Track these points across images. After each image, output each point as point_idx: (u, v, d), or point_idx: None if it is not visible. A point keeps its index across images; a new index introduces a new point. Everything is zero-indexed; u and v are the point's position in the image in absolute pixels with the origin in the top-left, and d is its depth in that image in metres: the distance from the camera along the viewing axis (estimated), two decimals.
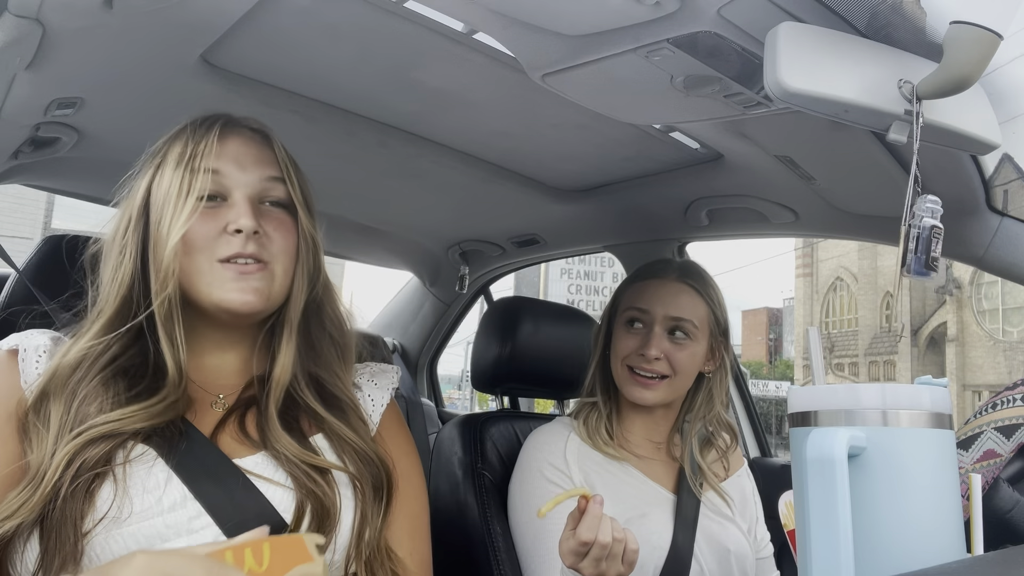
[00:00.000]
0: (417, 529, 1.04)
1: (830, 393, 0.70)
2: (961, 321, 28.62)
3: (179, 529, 0.84)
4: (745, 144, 1.37)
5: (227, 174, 0.94)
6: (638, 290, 1.44)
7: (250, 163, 0.96)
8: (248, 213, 0.92)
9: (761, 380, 34.09)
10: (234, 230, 0.92)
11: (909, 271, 0.82)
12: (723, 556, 1.34)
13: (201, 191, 0.91)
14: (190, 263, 0.91)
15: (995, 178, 1.24)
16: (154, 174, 0.95)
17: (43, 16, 0.98)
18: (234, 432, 0.94)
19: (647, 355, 1.36)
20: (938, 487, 0.67)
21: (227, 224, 0.92)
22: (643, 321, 1.40)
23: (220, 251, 0.91)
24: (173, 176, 0.92)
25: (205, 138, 0.94)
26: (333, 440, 0.97)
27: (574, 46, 1.04)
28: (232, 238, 0.92)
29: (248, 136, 0.98)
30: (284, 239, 0.96)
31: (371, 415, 1.05)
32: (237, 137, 0.97)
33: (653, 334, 1.37)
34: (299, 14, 1.10)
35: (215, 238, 0.92)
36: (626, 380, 1.39)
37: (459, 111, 1.42)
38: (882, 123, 0.88)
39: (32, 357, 0.92)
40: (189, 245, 0.91)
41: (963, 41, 0.79)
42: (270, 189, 0.97)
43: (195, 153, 0.93)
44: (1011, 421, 1.24)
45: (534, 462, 1.37)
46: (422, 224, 2.25)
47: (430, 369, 3.01)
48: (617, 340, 1.42)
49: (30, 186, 1.80)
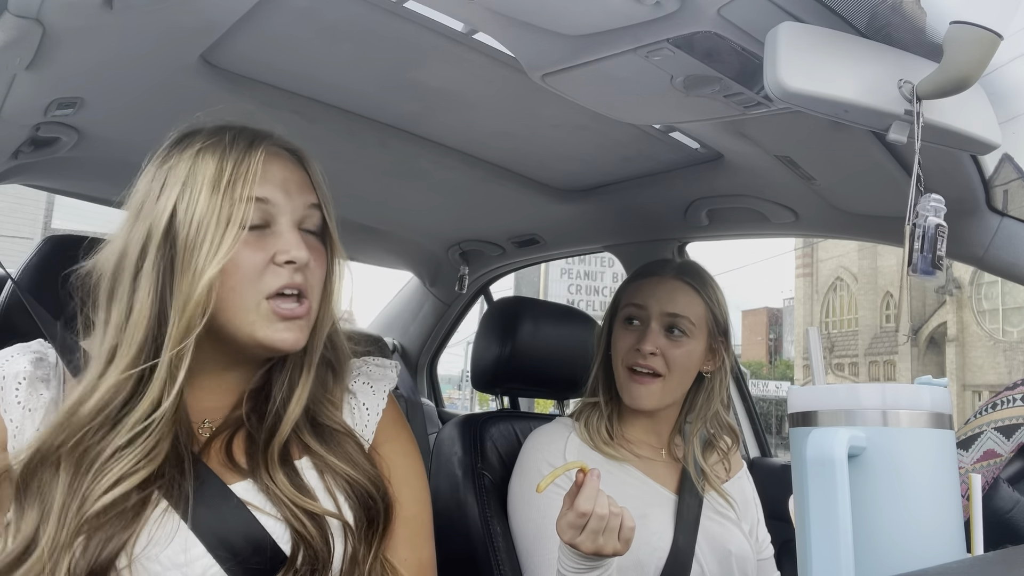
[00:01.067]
0: (416, 533, 1.00)
1: (830, 393, 0.70)
2: (961, 321, 28.61)
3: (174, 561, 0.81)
4: (745, 144, 1.37)
5: (274, 202, 0.88)
6: (636, 288, 1.45)
7: (294, 189, 0.91)
8: (300, 243, 0.88)
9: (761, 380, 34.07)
10: (285, 261, 0.87)
11: (915, 270, 0.82)
12: (724, 557, 1.34)
13: (244, 220, 0.85)
14: (231, 297, 0.85)
15: (995, 178, 1.24)
16: (182, 192, 0.86)
17: (43, 16, 0.98)
18: (220, 456, 0.89)
19: (643, 350, 1.36)
20: (938, 487, 0.67)
21: (275, 254, 0.87)
22: (640, 318, 1.40)
23: (268, 284, 0.86)
24: (211, 201, 0.84)
25: (247, 161, 0.87)
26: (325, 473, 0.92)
27: (574, 46, 1.04)
28: (280, 269, 0.87)
29: (288, 159, 0.93)
30: (319, 269, 0.92)
31: (366, 424, 1.01)
32: (280, 160, 0.91)
33: (649, 330, 1.37)
34: (299, 14, 1.10)
35: (262, 269, 0.86)
36: (625, 382, 1.38)
37: (459, 111, 1.42)
38: (882, 123, 0.88)
39: (11, 386, 0.86)
40: (231, 276, 0.84)
41: (963, 41, 0.79)
42: (309, 217, 0.92)
43: (236, 177, 0.86)
44: (1011, 421, 1.24)
45: (534, 463, 1.37)
46: (422, 224, 2.25)
47: (430, 369, 3.01)
48: (616, 339, 1.42)
49: (30, 186, 1.80)
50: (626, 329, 1.41)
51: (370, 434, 1.01)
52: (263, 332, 0.87)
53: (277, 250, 0.87)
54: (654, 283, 1.43)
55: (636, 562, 1.26)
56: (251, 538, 0.84)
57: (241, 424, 0.93)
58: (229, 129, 0.91)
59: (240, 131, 0.91)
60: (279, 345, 0.88)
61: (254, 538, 0.84)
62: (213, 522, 0.83)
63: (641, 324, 1.40)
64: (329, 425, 0.95)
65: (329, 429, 0.95)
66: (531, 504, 1.33)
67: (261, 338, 0.87)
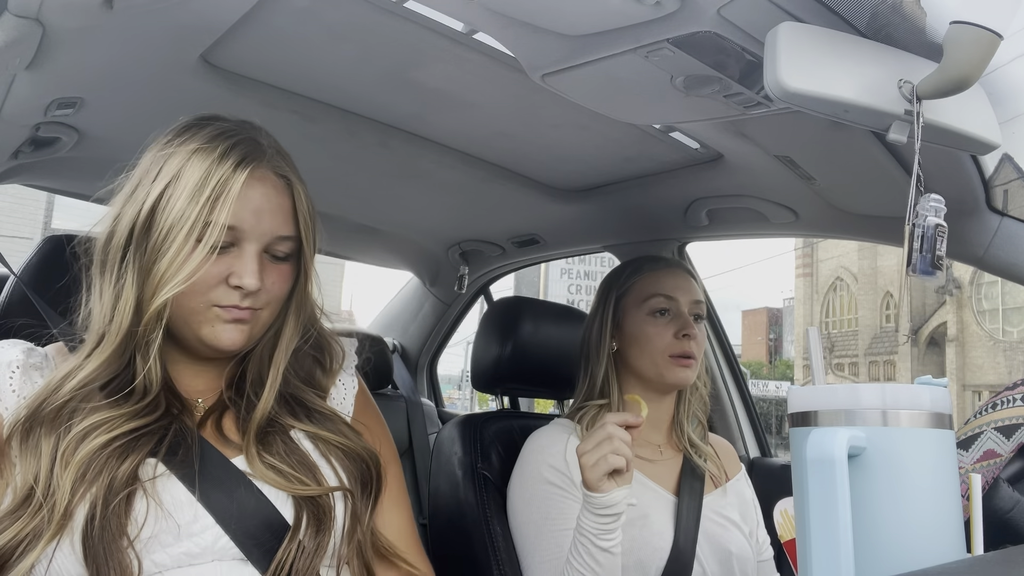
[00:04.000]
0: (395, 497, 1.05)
1: (830, 393, 0.70)
2: (961, 321, 28.61)
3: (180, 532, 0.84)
4: (745, 144, 1.37)
5: (243, 229, 0.90)
6: (656, 280, 1.46)
7: (267, 214, 0.92)
8: (255, 272, 0.90)
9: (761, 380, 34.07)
10: (235, 285, 0.90)
11: (915, 270, 0.82)
12: (725, 558, 1.34)
13: (215, 244, 0.88)
14: (184, 301, 0.89)
15: (995, 178, 1.24)
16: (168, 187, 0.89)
17: (43, 16, 0.98)
18: (214, 432, 0.94)
19: (690, 334, 1.40)
20: (938, 487, 0.67)
21: (230, 275, 0.90)
22: (671, 308, 1.43)
23: (218, 298, 0.90)
24: (187, 209, 0.87)
25: (230, 182, 0.89)
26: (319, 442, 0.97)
27: (574, 46, 1.04)
28: (231, 291, 0.90)
29: (272, 184, 0.94)
30: (281, 287, 0.95)
31: (344, 398, 1.07)
32: (262, 186, 0.92)
33: (685, 318, 1.43)
34: (299, 14, 1.10)
35: (215, 285, 0.90)
36: (669, 367, 1.40)
37: (459, 111, 1.42)
38: (882, 123, 0.88)
39: (5, 374, 0.90)
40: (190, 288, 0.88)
41: (963, 41, 0.79)
42: (279, 245, 0.94)
43: (215, 195, 0.88)
44: (1011, 421, 1.24)
45: (533, 464, 1.37)
46: (422, 224, 2.25)
47: (430, 369, 3.01)
48: (643, 333, 1.43)
49: (30, 186, 1.80)
50: (656, 320, 1.43)
51: (349, 407, 1.07)
52: (207, 331, 0.91)
53: (232, 271, 0.90)
54: (670, 274, 1.47)
55: (637, 562, 1.26)
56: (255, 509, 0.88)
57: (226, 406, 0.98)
58: (228, 137, 0.92)
59: (236, 144, 0.92)
60: (219, 345, 0.92)
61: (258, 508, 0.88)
62: (219, 493, 0.87)
63: (672, 313, 1.43)
64: (317, 409, 1.01)
65: (317, 412, 1.00)
66: (531, 504, 1.33)
67: (204, 336, 0.91)
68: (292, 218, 0.95)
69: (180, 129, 0.94)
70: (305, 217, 0.96)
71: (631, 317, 1.44)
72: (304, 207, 0.97)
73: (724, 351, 2.12)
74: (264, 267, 0.93)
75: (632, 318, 1.44)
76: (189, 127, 0.94)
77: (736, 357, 2.20)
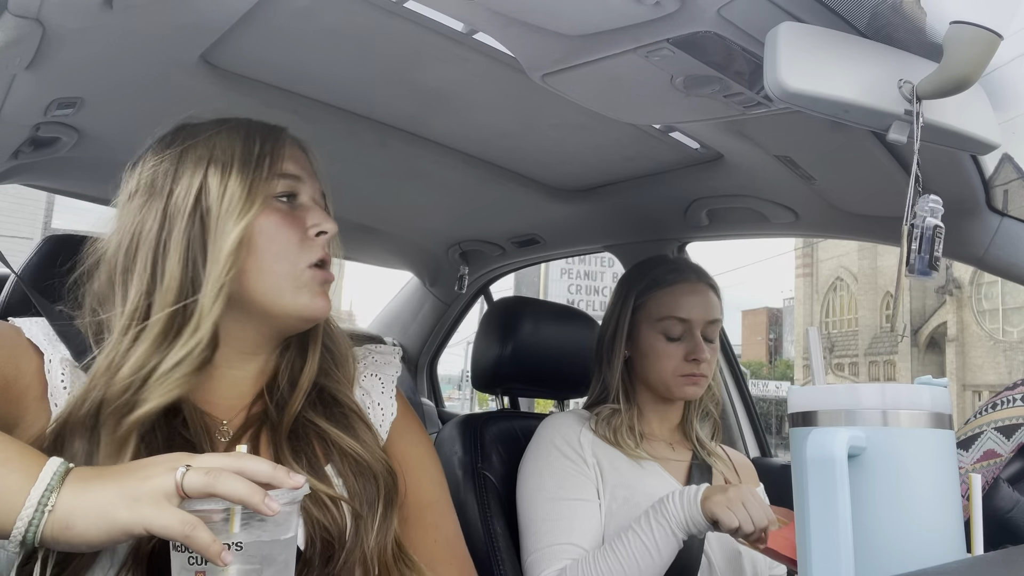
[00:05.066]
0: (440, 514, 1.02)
1: (830, 393, 0.70)
2: (961, 321, 28.61)
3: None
4: (745, 144, 1.37)
5: (301, 178, 0.93)
6: (669, 298, 1.44)
7: (308, 172, 0.96)
8: (327, 216, 0.92)
9: (761, 380, 34.06)
10: (317, 232, 0.90)
11: (912, 271, 0.82)
12: (734, 556, 1.35)
13: (272, 189, 0.89)
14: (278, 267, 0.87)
15: (995, 178, 1.24)
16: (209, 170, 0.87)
17: (43, 16, 0.98)
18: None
19: (700, 358, 1.40)
20: (938, 487, 0.67)
21: (308, 227, 0.90)
22: (684, 332, 1.42)
23: (309, 256, 0.89)
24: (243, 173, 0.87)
25: (274, 140, 0.92)
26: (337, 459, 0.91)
27: (574, 46, 1.04)
28: (315, 242, 0.90)
29: (300, 148, 0.97)
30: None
31: (380, 424, 1.02)
32: (296, 147, 0.96)
33: (696, 340, 1.41)
34: (299, 14, 1.10)
35: (299, 242, 0.89)
36: (678, 385, 1.41)
37: (459, 111, 1.42)
38: (882, 123, 0.88)
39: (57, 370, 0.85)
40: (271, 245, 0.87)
41: (963, 41, 0.79)
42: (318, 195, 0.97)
43: (265, 152, 0.90)
44: (1011, 421, 1.24)
45: (549, 438, 1.40)
46: (422, 224, 2.25)
47: (430, 369, 3.01)
48: (653, 351, 1.43)
49: (30, 186, 1.80)
50: (668, 342, 1.42)
51: (384, 433, 1.02)
52: (304, 300, 0.89)
53: (309, 223, 0.90)
54: (687, 290, 1.45)
55: None
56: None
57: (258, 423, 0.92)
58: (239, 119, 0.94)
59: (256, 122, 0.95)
60: (315, 312, 0.90)
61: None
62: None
63: (685, 336, 1.42)
64: (341, 401, 0.96)
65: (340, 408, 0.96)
66: (543, 474, 1.35)
67: (301, 306, 0.89)
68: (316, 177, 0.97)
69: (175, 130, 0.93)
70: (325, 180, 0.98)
71: (644, 333, 1.45)
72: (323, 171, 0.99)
73: (724, 351, 2.12)
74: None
75: (644, 335, 1.45)
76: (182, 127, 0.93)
77: (736, 357, 2.20)
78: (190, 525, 0.62)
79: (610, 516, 1.31)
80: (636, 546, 1.17)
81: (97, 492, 0.65)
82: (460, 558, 1.03)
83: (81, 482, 0.66)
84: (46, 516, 0.63)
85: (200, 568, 0.63)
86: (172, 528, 0.62)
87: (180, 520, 0.63)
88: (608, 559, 1.19)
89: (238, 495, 0.63)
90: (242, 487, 0.64)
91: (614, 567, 1.17)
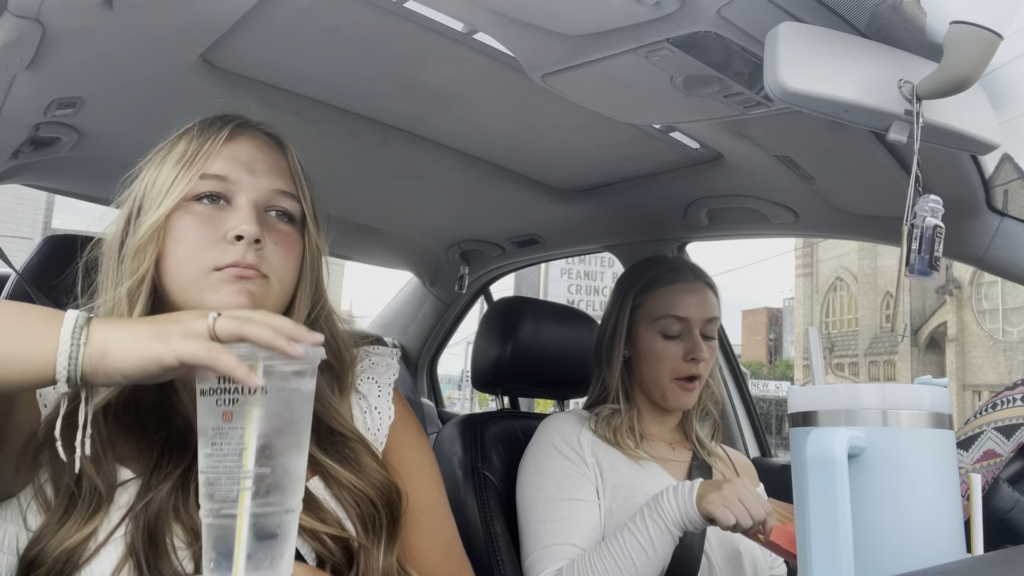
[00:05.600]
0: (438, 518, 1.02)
1: (830, 393, 0.70)
2: (961, 321, 28.60)
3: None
4: (745, 144, 1.37)
5: (233, 179, 0.86)
6: (667, 297, 1.44)
7: (261, 170, 0.88)
8: (251, 219, 0.84)
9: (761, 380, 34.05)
10: (234, 236, 0.83)
11: (912, 271, 0.82)
12: (734, 556, 1.34)
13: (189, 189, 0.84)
14: (180, 268, 0.84)
15: (995, 178, 1.24)
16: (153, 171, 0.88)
17: (43, 16, 0.98)
18: None
19: (698, 358, 1.39)
20: (938, 487, 0.67)
21: (227, 231, 0.84)
22: (682, 331, 1.42)
23: (217, 259, 0.83)
24: (169, 174, 0.85)
25: (213, 137, 0.87)
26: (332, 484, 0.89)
27: (574, 46, 1.04)
28: (230, 246, 0.83)
29: (262, 140, 0.91)
30: (287, 253, 0.88)
31: (379, 428, 1.00)
32: (249, 140, 0.90)
33: (694, 339, 1.41)
34: (299, 14, 1.10)
35: (212, 245, 0.84)
36: (672, 391, 1.41)
37: (459, 111, 1.42)
38: (882, 123, 0.88)
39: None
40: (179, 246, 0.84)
41: (963, 41, 0.79)
42: (278, 200, 0.89)
43: (198, 151, 0.86)
44: (1011, 421, 1.24)
45: (549, 438, 1.40)
46: (422, 224, 2.25)
47: (430, 369, 3.01)
48: (652, 351, 1.43)
49: (30, 186, 1.80)
50: (667, 341, 1.42)
51: (383, 437, 1.00)
52: (211, 297, 0.83)
53: (228, 225, 0.85)
54: (686, 290, 1.45)
55: None
56: None
57: None
58: (216, 116, 0.92)
59: (219, 116, 0.92)
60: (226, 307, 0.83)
61: None
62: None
63: (683, 335, 1.42)
64: (339, 431, 0.92)
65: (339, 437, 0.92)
66: (543, 474, 1.35)
67: (209, 303, 0.83)
68: (289, 176, 0.91)
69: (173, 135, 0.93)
70: (300, 178, 0.92)
71: (642, 333, 1.45)
72: (298, 168, 0.93)
73: (724, 351, 2.12)
74: (265, 224, 0.87)
75: (643, 335, 1.45)
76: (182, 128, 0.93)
77: (736, 357, 2.20)
78: (216, 349, 0.66)
79: (610, 516, 1.31)
80: (632, 545, 1.16)
81: (129, 328, 0.69)
82: (458, 562, 1.02)
83: (111, 322, 0.69)
84: (82, 349, 0.66)
85: (228, 409, 0.66)
86: (199, 354, 0.65)
87: (206, 347, 0.66)
88: (604, 558, 1.18)
89: (265, 338, 0.67)
90: (268, 332, 0.67)
91: (610, 566, 1.17)
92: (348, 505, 0.89)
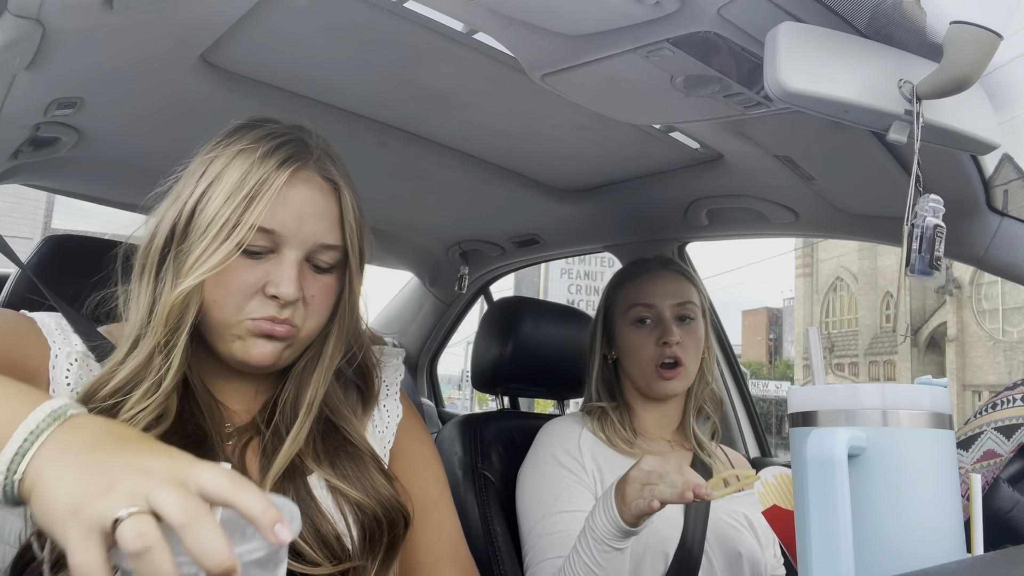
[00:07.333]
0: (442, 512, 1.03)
1: (830, 393, 0.70)
2: (961, 321, 28.60)
3: None
4: (745, 144, 1.37)
5: (283, 232, 0.85)
6: (635, 289, 1.48)
7: (310, 219, 0.87)
8: (293, 280, 0.84)
9: (761, 380, 34.06)
10: (271, 295, 0.84)
11: (913, 271, 0.82)
12: (734, 558, 1.34)
13: (242, 242, 0.82)
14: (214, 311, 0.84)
15: (995, 178, 1.24)
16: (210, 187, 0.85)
17: (43, 16, 0.98)
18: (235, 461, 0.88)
19: (670, 342, 1.40)
20: (938, 487, 0.67)
21: (267, 284, 0.84)
22: (651, 316, 1.45)
23: (253, 310, 0.84)
24: (222, 209, 0.82)
25: (273, 179, 0.84)
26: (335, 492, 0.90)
27: (574, 46, 1.04)
28: (268, 302, 0.84)
29: (317, 187, 0.89)
30: (322, 303, 0.89)
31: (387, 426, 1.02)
32: (306, 186, 0.87)
33: (666, 324, 1.43)
34: (299, 14, 1.10)
35: (250, 296, 0.84)
36: (653, 379, 1.42)
37: (459, 111, 1.42)
38: (882, 123, 0.88)
39: (63, 366, 0.85)
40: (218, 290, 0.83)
41: (963, 41, 0.79)
42: (322, 254, 0.89)
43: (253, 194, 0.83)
44: (1011, 421, 1.24)
45: (548, 447, 1.40)
46: (422, 224, 2.25)
47: (430, 369, 3.01)
48: (629, 344, 1.46)
49: (30, 186, 1.80)
50: (639, 330, 1.45)
51: (391, 435, 1.02)
52: (236, 346, 0.85)
53: (269, 280, 0.84)
54: (651, 279, 1.48)
55: (645, 548, 1.28)
56: None
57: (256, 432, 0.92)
58: (274, 138, 0.88)
59: (281, 144, 0.88)
60: (248, 361, 0.86)
61: None
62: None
63: (654, 321, 1.44)
64: (351, 441, 0.93)
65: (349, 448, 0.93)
66: (541, 485, 1.35)
67: (234, 351, 0.85)
68: (338, 225, 0.90)
69: (230, 131, 0.90)
70: (352, 225, 0.91)
71: (619, 329, 1.48)
72: (352, 215, 0.92)
73: (724, 351, 2.12)
74: (305, 277, 0.87)
75: (620, 330, 1.48)
76: (239, 128, 0.90)
77: (736, 357, 2.20)
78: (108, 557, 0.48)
79: None
80: (582, 569, 1.12)
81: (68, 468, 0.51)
82: (462, 556, 1.03)
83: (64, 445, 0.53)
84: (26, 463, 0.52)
85: None
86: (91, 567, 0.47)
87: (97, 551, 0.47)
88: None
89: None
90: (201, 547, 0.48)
91: None
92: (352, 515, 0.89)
